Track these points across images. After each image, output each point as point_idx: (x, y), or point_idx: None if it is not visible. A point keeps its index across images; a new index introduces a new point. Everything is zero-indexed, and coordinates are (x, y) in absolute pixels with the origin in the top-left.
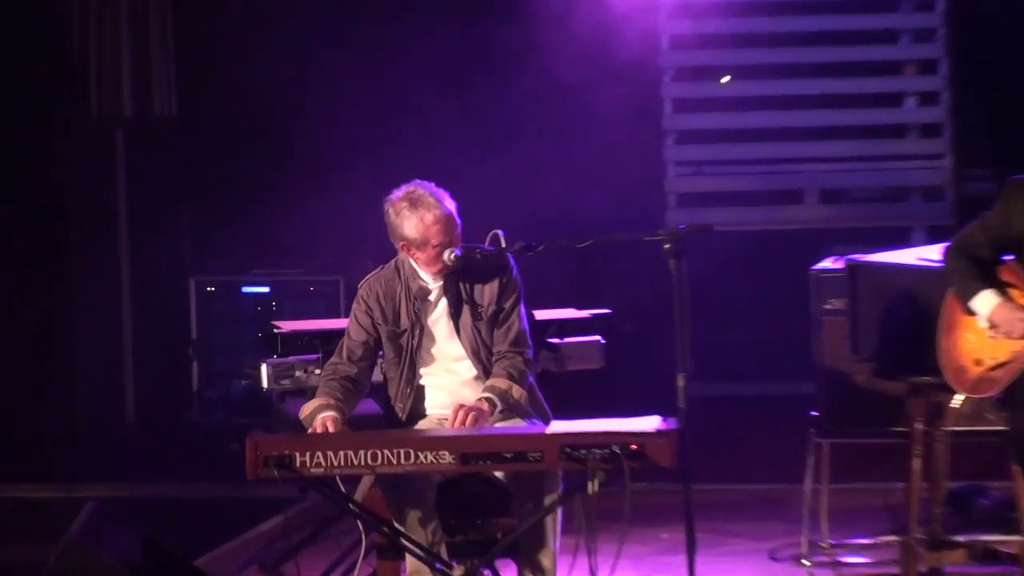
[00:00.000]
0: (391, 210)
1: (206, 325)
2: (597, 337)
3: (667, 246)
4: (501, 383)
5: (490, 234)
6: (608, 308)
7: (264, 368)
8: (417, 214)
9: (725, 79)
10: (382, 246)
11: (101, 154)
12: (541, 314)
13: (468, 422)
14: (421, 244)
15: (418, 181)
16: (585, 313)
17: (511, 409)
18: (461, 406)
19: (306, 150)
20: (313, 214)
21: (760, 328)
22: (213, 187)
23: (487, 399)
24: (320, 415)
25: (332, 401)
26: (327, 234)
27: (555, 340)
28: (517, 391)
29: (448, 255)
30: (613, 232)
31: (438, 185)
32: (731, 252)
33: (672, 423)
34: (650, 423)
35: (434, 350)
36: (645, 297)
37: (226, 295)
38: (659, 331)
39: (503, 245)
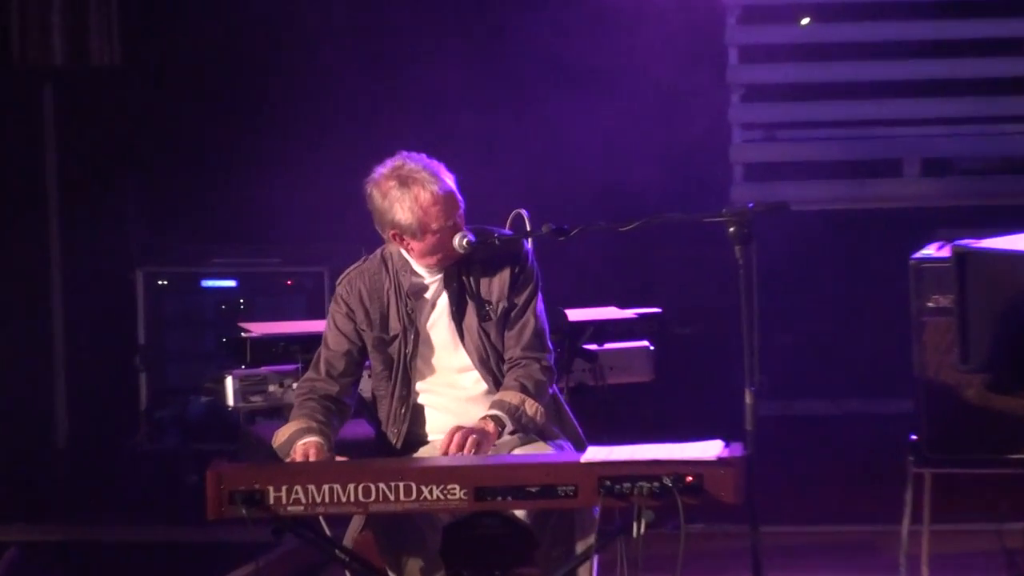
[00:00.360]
0: (375, 192)
1: (157, 328)
2: (645, 343)
3: (732, 229)
4: (511, 397)
5: (511, 214)
6: (658, 307)
7: (229, 381)
8: (410, 194)
9: (804, 21)
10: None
11: (24, 114)
12: (575, 314)
13: (467, 448)
14: (418, 231)
15: (405, 153)
16: (630, 313)
17: (524, 429)
18: (458, 428)
19: (282, 109)
20: (291, 189)
21: (846, 332)
22: (166, 155)
23: (493, 418)
24: (300, 441)
25: (313, 424)
26: (308, 214)
27: (593, 346)
28: (531, 406)
29: (460, 241)
30: (665, 212)
31: (430, 156)
32: (811, 237)
33: (737, 449)
34: (710, 449)
35: (433, 360)
36: (704, 293)
37: (182, 290)
38: (722, 335)
39: (528, 228)
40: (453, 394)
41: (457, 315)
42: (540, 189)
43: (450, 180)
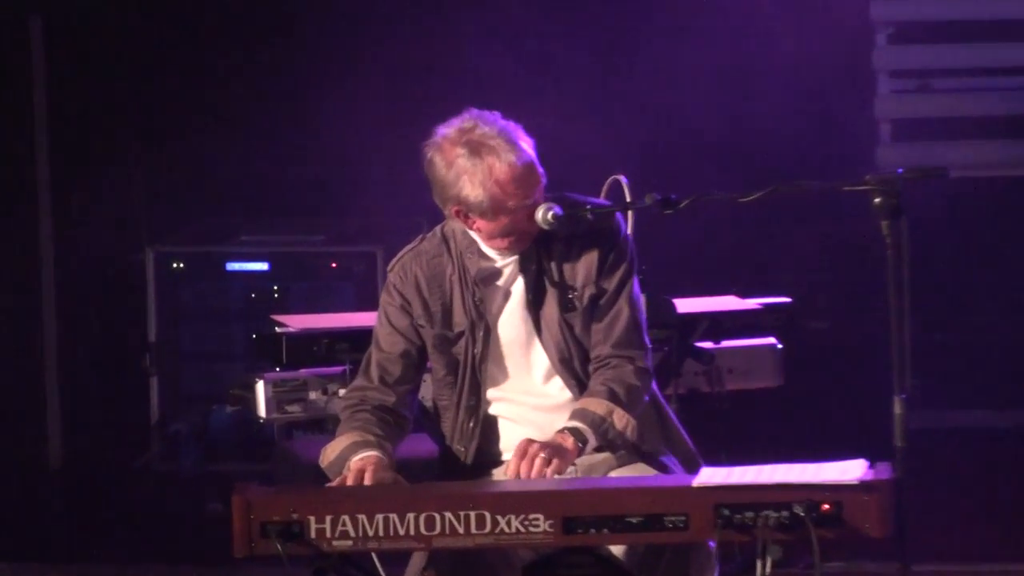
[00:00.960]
0: (438, 159)
1: (172, 321)
2: (771, 340)
3: (877, 200)
4: (597, 406)
5: (607, 181)
6: (788, 297)
7: (260, 388)
8: (483, 165)
9: None
10: None
11: (6, 54)
12: (687, 305)
13: (536, 470)
14: (490, 210)
15: (475, 112)
16: (753, 304)
17: (611, 446)
18: (529, 443)
19: (323, 50)
20: (336, 150)
21: (1016, 327)
22: (182, 107)
23: (572, 431)
24: (355, 457)
25: (370, 437)
26: (357, 181)
27: (707, 345)
28: (621, 418)
29: (544, 214)
30: (795, 179)
31: (506, 116)
32: (974, 209)
33: (884, 471)
34: (851, 471)
35: (508, 362)
36: (843, 280)
37: (202, 274)
38: (864, 331)
39: (628, 199)
40: (533, 403)
41: (534, 304)
42: (642, 150)
43: (529, 148)
